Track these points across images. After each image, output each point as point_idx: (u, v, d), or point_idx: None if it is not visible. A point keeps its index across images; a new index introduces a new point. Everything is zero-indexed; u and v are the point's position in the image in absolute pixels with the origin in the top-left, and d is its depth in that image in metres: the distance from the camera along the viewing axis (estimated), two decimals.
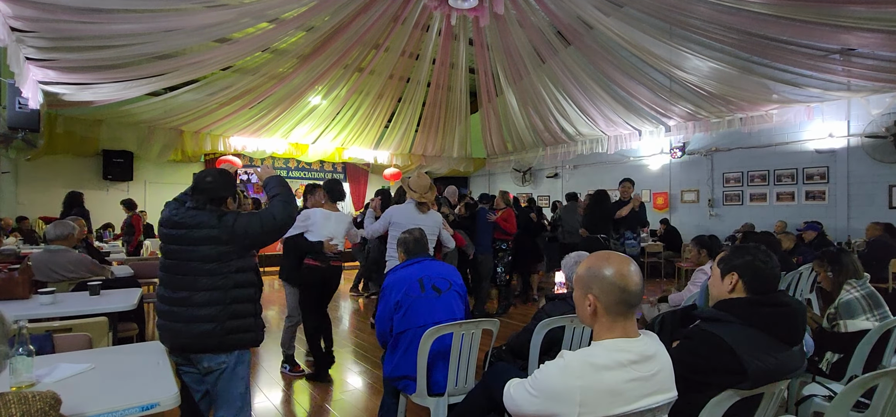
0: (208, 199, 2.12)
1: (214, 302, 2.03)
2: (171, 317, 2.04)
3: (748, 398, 1.49)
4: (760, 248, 1.72)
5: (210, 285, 2.03)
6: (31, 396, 1.07)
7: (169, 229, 2.10)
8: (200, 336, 2.01)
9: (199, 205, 2.11)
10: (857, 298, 2.52)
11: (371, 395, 3.53)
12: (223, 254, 2.05)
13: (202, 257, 2.03)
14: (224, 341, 2.04)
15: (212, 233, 2.04)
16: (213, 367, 2.06)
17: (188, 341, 2.03)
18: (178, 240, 2.06)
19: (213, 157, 10.38)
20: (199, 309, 2.01)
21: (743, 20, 5.45)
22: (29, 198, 9.19)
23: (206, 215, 2.06)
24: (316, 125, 10.05)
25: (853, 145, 7.55)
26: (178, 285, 2.05)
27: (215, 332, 2.02)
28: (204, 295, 2.02)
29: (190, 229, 2.05)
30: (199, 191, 2.13)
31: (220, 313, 2.03)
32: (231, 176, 2.28)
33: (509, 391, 1.37)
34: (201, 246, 2.03)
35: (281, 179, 2.33)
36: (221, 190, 2.16)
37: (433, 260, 2.67)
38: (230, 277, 2.06)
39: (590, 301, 1.30)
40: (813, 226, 6.49)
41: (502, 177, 13.56)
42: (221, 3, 5.29)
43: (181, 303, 2.02)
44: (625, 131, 9.68)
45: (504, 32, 7.40)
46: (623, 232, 5.69)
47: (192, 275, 2.03)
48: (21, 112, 5.70)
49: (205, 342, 2.02)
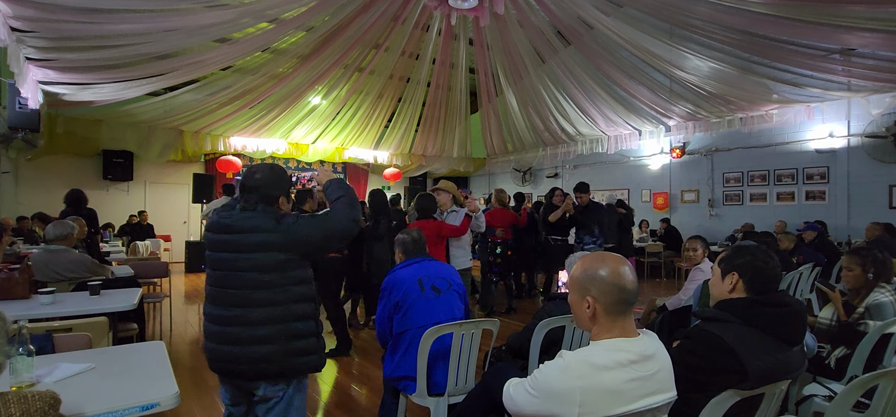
0: (259, 199, 1.84)
1: (274, 320, 1.77)
2: (224, 339, 1.77)
3: (748, 398, 1.49)
4: (761, 248, 1.72)
5: (268, 300, 1.76)
6: (30, 396, 1.07)
7: (217, 234, 1.84)
8: (258, 360, 1.75)
9: (249, 205, 1.83)
10: (892, 301, 2.51)
11: (371, 395, 3.53)
12: (282, 264, 1.79)
13: (259, 267, 1.77)
14: (286, 366, 1.79)
15: (269, 239, 1.77)
16: (269, 396, 1.80)
17: (245, 367, 1.76)
18: (229, 247, 1.80)
19: (213, 157, 10.39)
20: (256, 328, 1.75)
21: (743, 20, 5.45)
22: (29, 198, 9.19)
23: (262, 217, 1.80)
24: (316, 125, 10.05)
25: (853, 145, 7.56)
26: (230, 301, 1.78)
27: (276, 356, 1.76)
28: (261, 312, 1.76)
29: (243, 234, 1.78)
30: (249, 190, 1.85)
31: (280, 333, 1.77)
32: (283, 170, 1.99)
33: (509, 390, 1.37)
34: (256, 254, 1.77)
35: (342, 181, 2.08)
36: (274, 187, 1.88)
37: (432, 260, 2.66)
38: (290, 290, 1.80)
39: (589, 303, 1.30)
40: (814, 227, 6.48)
41: (502, 177, 13.56)
42: (221, 3, 5.29)
43: (235, 322, 1.76)
44: (625, 131, 9.68)
45: (504, 32, 7.39)
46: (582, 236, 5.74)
47: (246, 289, 1.77)
48: (21, 112, 5.71)
49: (263, 368, 1.76)
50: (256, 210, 1.82)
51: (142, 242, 8.28)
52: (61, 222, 3.73)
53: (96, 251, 5.05)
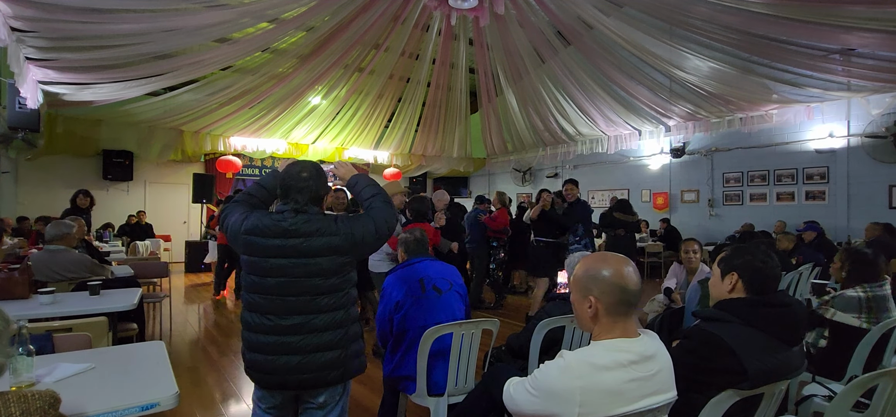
0: (310, 199, 1.74)
1: (338, 324, 1.72)
2: (281, 350, 1.68)
3: (748, 398, 1.49)
4: (760, 248, 1.72)
5: (333, 304, 1.71)
6: (30, 395, 1.07)
7: (269, 239, 1.70)
8: (322, 367, 1.70)
9: (300, 207, 1.73)
10: (859, 297, 2.52)
11: (371, 395, 3.53)
12: (343, 266, 1.74)
13: (322, 272, 1.69)
14: (347, 369, 1.76)
15: (332, 242, 1.70)
16: (328, 401, 1.77)
17: (307, 376, 1.69)
18: (288, 253, 1.69)
19: (213, 157, 10.38)
20: (322, 335, 1.69)
21: (743, 20, 5.45)
22: (29, 198, 9.20)
23: (321, 220, 1.73)
24: (316, 125, 10.05)
25: (853, 145, 7.56)
26: (289, 309, 1.69)
27: (339, 361, 1.72)
28: (325, 318, 1.70)
29: (307, 238, 1.69)
30: (299, 191, 1.73)
31: (342, 337, 1.73)
32: (322, 169, 1.86)
33: (509, 390, 1.37)
34: (320, 259, 1.69)
35: (367, 176, 2.02)
36: (322, 187, 1.79)
37: (434, 260, 2.67)
38: (349, 293, 1.77)
39: (591, 303, 1.29)
40: (812, 227, 6.48)
41: (502, 177, 13.56)
42: (221, 3, 5.29)
43: (295, 331, 1.68)
44: (625, 131, 9.68)
45: (504, 32, 7.39)
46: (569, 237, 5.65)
47: (309, 295, 1.69)
48: (21, 112, 5.71)
49: (327, 374, 1.71)
50: (310, 212, 1.73)
51: (141, 242, 8.28)
52: (60, 222, 3.73)
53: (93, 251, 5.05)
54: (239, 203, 1.87)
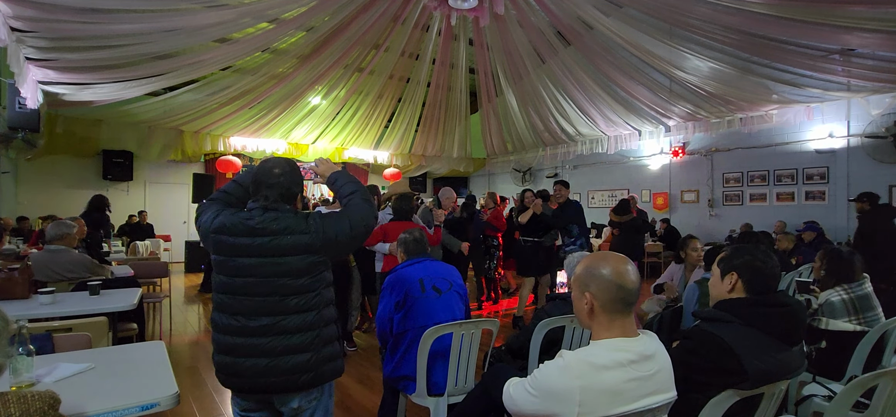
0: (280, 196, 1.69)
1: (308, 326, 1.66)
2: (250, 352, 1.63)
3: (748, 398, 1.49)
4: (760, 248, 1.72)
5: (303, 306, 1.65)
6: (30, 396, 1.07)
7: (237, 238, 1.65)
8: (292, 371, 1.64)
9: (272, 204, 1.68)
10: (843, 300, 2.52)
11: (371, 395, 3.53)
12: (314, 266, 1.67)
13: (291, 271, 1.64)
14: (320, 373, 1.69)
15: (302, 240, 1.65)
16: (303, 407, 1.71)
17: (275, 379, 1.63)
18: (255, 252, 1.64)
19: (213, 157, 10.39)
20: (291, 337, 1.63)
21: (743, 20, 5.44)
22: (29, 198, 9.20)
23: (291, 217, 1.67)
24: (316, 125, 10.05)
25: (853, 145, 7.56)
26: (258, 309, 1.63)
27: (310, 364, 1.66)
28: (296, 319, 1.64)
29: (275, 236, 1.63)
30: (269, 187, 1.68)
31: (314, 340, 1.66)
32: (297, 166, 1.81)
33: (509, 390, 1.38)
34: (289, 258, 1.64)
35: (348, 172, 1.96)
36: (295, 185, 1.74)
37: (434, 260, 2.67)
38: (322, 294, 1.70)
39: (587, 299, 1.31)
40: (812, 227, 6.49)
41: (502, 177, 13.56)
42: (221, 3, 5.29)
43: (263, 333, 1.62)
44: (625, 131, 9.68)
45: (504, 32, 7.39)
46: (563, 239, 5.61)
47: (278, 295, 1.63)
48: (21, 112, 5.71)
49: (297, 378, 1.65)
50: (280, 209, 1.68)
51: (141, 242, 8.28)
52: (61, 222, 3.73)
53: (93, 251, 5.06)
54: (214, 200, 1.82)
